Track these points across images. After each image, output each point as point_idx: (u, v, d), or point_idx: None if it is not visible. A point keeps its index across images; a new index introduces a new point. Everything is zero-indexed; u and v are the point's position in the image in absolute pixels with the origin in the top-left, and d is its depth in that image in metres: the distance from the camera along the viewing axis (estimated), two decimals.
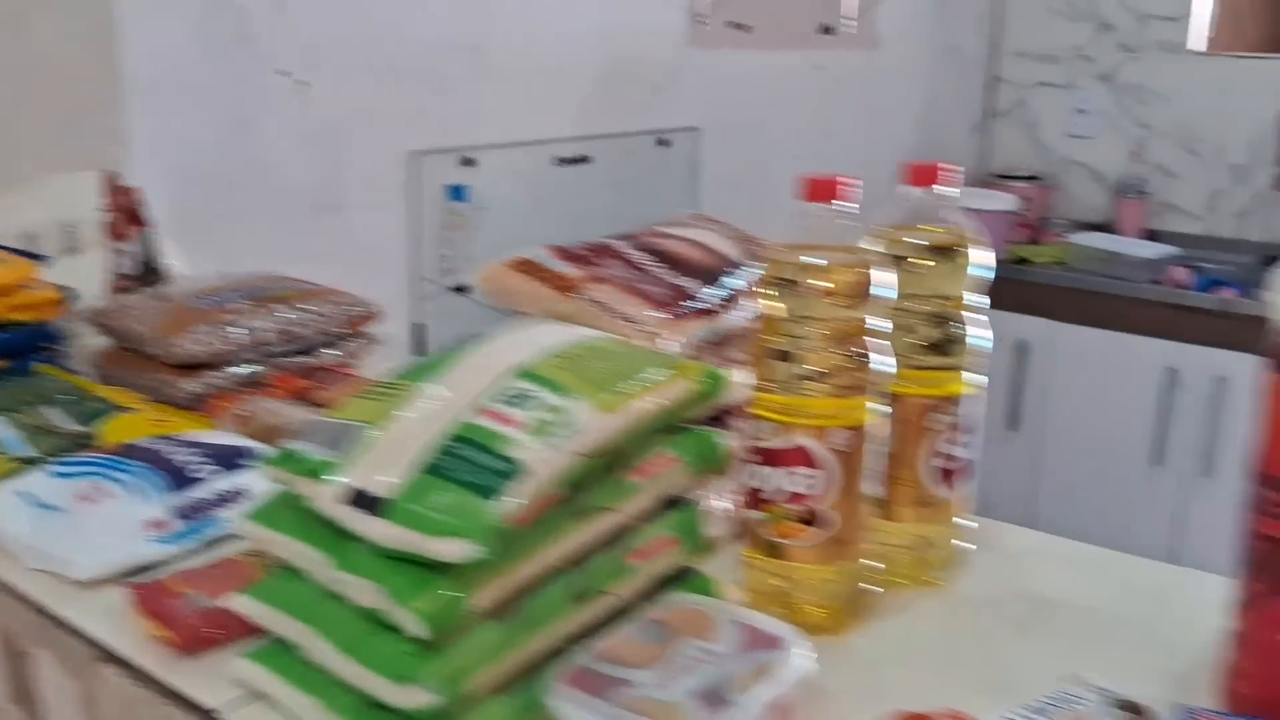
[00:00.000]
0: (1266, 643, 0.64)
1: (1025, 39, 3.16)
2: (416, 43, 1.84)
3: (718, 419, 0.85)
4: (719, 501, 0.85)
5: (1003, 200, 2.86)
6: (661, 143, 2.26)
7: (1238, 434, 2.51)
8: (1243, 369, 2.47)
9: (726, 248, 0.88)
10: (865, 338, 0.72)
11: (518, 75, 1.99)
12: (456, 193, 1.93)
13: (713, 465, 0.72)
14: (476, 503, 0.59)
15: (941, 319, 0.78)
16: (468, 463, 0.61)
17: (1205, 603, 0.72)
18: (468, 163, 1.94)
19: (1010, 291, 2.73)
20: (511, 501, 0.59)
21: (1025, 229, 2.96)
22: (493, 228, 1.97)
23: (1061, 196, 3.14)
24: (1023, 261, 2.81)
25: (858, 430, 0.72)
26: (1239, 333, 2.48)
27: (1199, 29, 2.91)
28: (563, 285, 0.80)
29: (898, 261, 0.78)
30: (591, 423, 0.64)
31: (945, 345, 0.78)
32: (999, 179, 3.09)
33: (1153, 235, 2.93)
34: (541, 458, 0.61)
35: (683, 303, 0.80)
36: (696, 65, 2.30)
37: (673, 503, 0.71)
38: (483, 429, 0.63)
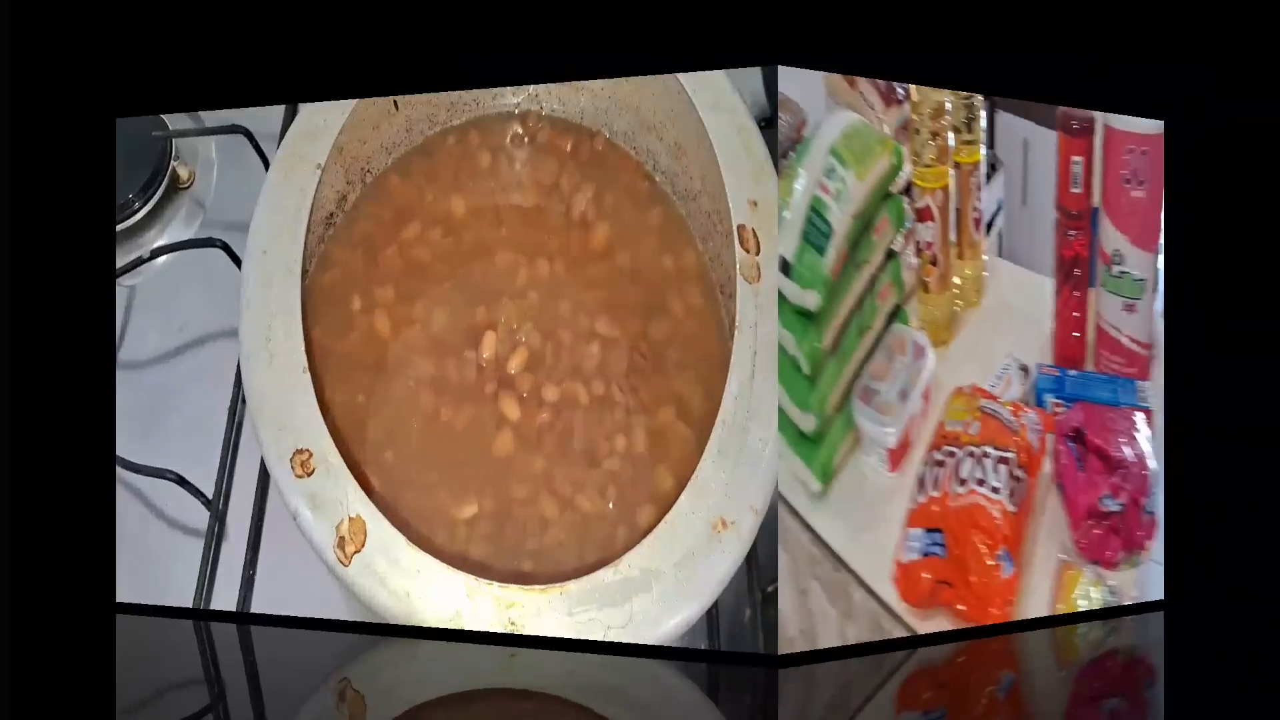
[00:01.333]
0: None
1: None
2: None
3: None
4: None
5: None
6: None
7: None
8: None
9: None
10: None
11: None
12: None
13: (902, 223, 0.89)
14: (815, 257, 0.74)
15: None
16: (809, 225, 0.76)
17: None
18: None
19: None
20: (829, 255, 0.75)
21: None
22: None
23: None
24: None
25: None
26: None
27: None
28: None
29: None
30: (856, 189, 0.79)
31: None
32: None
33: None
34: (835, 217, 0.76)
35: None
36: None
37: (889, 255, 0.88)
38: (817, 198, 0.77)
